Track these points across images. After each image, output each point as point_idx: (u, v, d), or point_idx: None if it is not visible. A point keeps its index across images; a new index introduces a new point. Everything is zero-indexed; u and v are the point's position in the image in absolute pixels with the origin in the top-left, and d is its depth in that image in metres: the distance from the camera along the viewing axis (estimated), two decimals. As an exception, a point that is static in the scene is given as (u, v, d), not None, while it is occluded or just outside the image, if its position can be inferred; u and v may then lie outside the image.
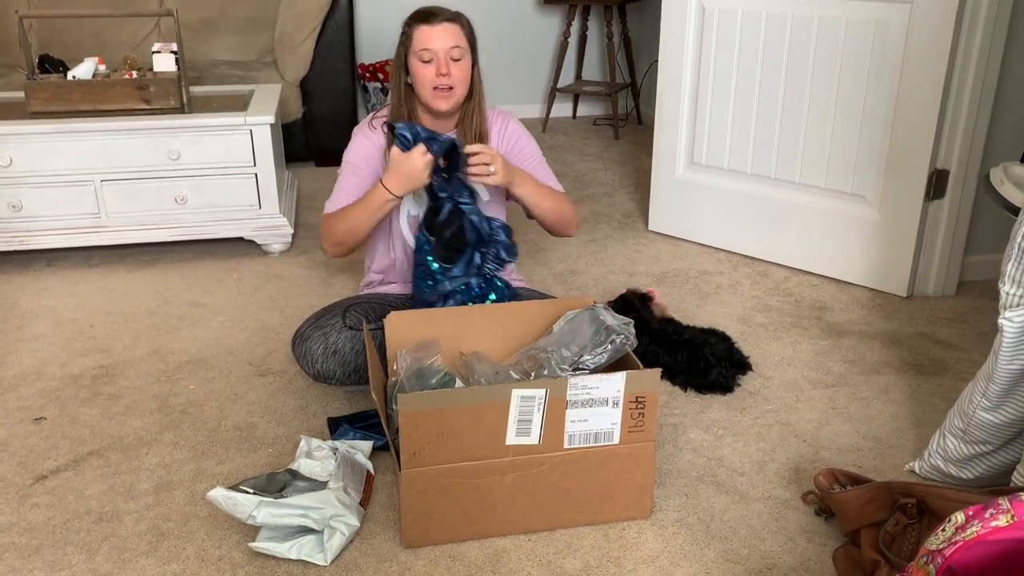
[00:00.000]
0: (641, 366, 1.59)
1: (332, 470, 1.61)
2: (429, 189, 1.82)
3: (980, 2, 2.23)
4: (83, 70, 2.75)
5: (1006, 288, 1.50)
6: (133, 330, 2.35)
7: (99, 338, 2.31)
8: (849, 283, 2.60)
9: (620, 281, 2.64)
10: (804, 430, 1.89)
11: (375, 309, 1.94)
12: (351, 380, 1.91)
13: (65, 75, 2.75)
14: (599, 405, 1.50)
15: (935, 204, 2.45)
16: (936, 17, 2.25)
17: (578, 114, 4.78)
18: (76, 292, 2.59)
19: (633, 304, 2.22)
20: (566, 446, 1.51)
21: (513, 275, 2.13)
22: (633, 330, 1.67)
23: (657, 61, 2.88)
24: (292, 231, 2.86)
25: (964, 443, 1.63)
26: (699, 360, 2.05)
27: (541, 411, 1.47)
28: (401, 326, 1.74)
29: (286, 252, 2.86)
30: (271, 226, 2.81)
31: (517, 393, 1.45)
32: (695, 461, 1.78)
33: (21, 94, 2.77)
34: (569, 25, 4.34)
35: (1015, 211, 1.76)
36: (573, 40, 4.48)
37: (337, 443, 1.70)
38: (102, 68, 2.81)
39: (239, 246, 2.88)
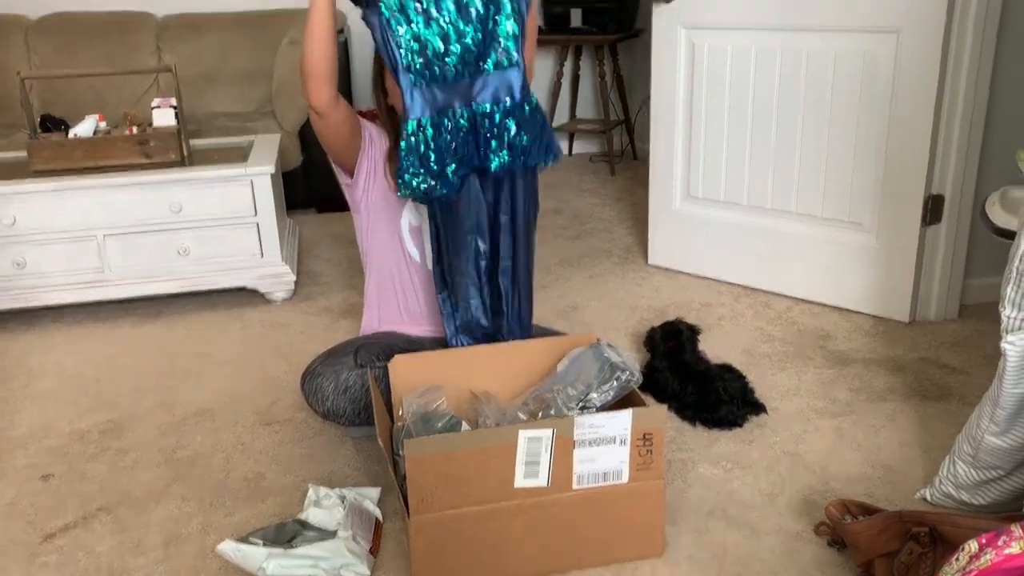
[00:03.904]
0: (646, 403, 1.59)
1: (341, 519, 1.61)
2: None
3: (965, 30, 2.27)
4: (84, 128, 2.79)
5: (1007, 312, 1.51)
6: (139, 383, 2.35)
7: (106, 393, 2.31)
8: (851, 311, 2.61)
9: (622, 316, 2.65)
10: (813, 461, 1.88)
11: (386, 349, 1.94)
12: (360, 419, 1.91)
13: (67, 133, 2.79)
14: (607, 444, 1.50)
15: (932, 229, 2.46)
16: (922, 46, 2.28)
17: (574, 151, 4.83)
18: (82, 347, 2.59)
19: (680, 331, 2.22)
20: (575, 486, 1.51)
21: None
22: (637, 366, 1.68)
23: (650, 97, 2.92)
24: (294, 278, 2.88)
25: (974, 469, 1.63)
26: (710, 394, 2.05)
27: (549, 452, 1.47)
28: (406, 370, 1.75)
29: (289, 300, 2.88)
30: (273, 274, 2.82)
31: (524, 434, 1.45)
32: (705, 496, 1.77)
33: (24, 153, 2.81)
34: (562, 65, 4.40)
35: (1004, 235, 1.77)
36: (566, 79, 4.54)
37: (345, 491, 1.70)
38: (103, 125, 2.85)
39: (242, 295, 2.89)
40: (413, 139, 1.63)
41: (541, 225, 3.56)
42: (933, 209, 2.44)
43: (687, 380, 2.09)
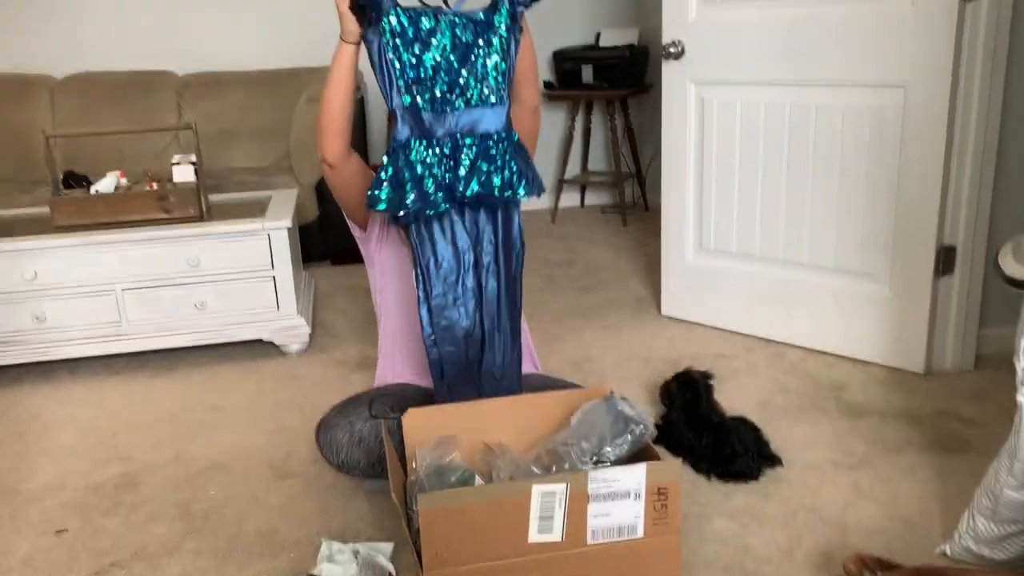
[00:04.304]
0: (661, 456, 1.59)
1: (354, 574, 1.60)
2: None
3: (972, 83, 2.30)
4: (105, 184, 2.85)
5: (1022, 364, 1.50)
6: (154, 436, 2.37)
7: (121, 446, 2.32)
8: (866, 361, 2.60)
9: (636, 367, 2.65)
10: (830, 514, 1.86)
11: (400, 401, 1.95)
12: (375, 470, 1.91)
13: (88, 189, 2.85)
14: (621, 498, 1.49)
15: (945, 280, 2.46)
16: (930, 100, 2.31)
17: (586, 203, 4.88)
18: (98, 400, 2.61)
19: (696, 382, 2.22)
20: (589, 541, 1.50)
21: (530, 359, 2.14)
22: (650, 419, 1.68)
23: (660, 150, 2.96)
24: (309, 331, 2.90)
25: (994, 523, 1.60)
26: (725, 447, 2.04)
27: (563, 506, 1.46)
28: (419, 422, 1.75)
29: (304, 352, 2.90)
30: (289, 327, 2.85)
31: (538, 489, 1.45)
32: (721, 551, 1.75)
33: (46, 209, 2.87)
34: (573, 119, 4.47)
35: (1017, 285, 1.77)
36: (578, 133, 4.61)
37: (358, 546, 1.69)
38: (124, 181, 2.91)
39: (257, 348, 2.91)
40: (393, 156, 1.70)
41: (554, 276, 3.59)
42: (945, 260, 2.44)
43: (702, 432, 2.08)
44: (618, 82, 4.27)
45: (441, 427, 1.75)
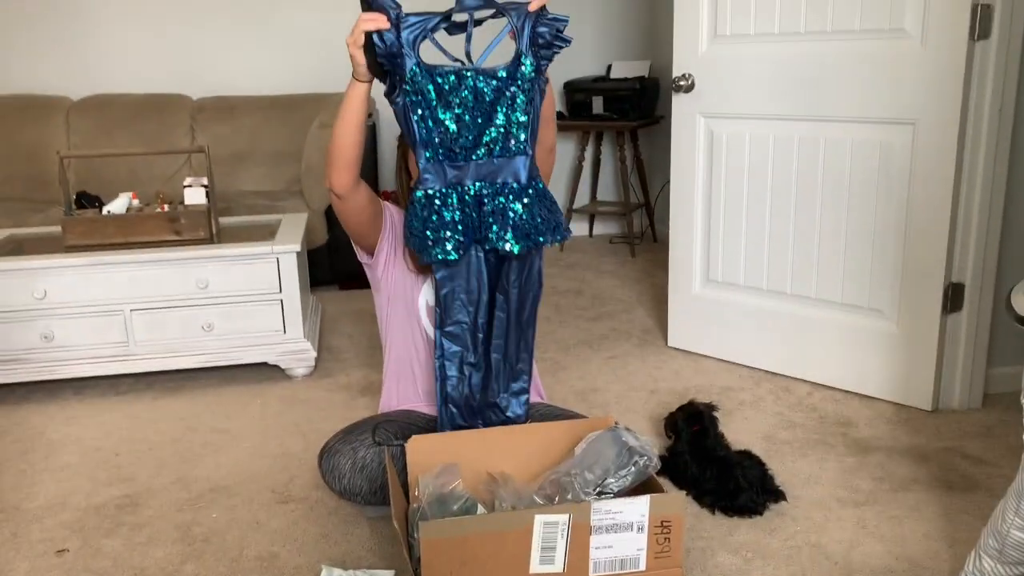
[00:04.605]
0: (665, 488, 1.58)
1: (354, 601, 1.59)
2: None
3: (981, 121, 2.31)
4: (118, 205, 2.88)
5: (1029, 403, 1.49)
6: (158, 458, 2.36)
7: (124, 467, 2.32)
8: (873, 398, 2.58)
9: (642, 398, 2.64)
10: (835, 551, 1.84)
11: (404, 428, 1.94)
12: (377, 498, 1.90)
13: (100, 210, 2.87)
14: (624, 530, 1.48)
15: (953, 317, 2.45)
16: (939, 137, 2.32)
17: (594, 233, 4.89)
18: (103, 420, 2.62)
19: (701, 414, 2.22)
20: (591, 574, 1.49)
21: (535, 388, 2.14)
22: (655, 451, 1.67)
23: (669, 181, 2.97)
24: (315, 355, 2.90)
25: (1001, 564, 1.58)
26: (729, 481, 2.02)
27: (565, 537, 1.46)
28: (423, 450, 1.75)
29: (309, 376, 2.90)
30: (295, 351, 2.85)
31: (540, 519, 1.44)
32: (724, 586, 1.74)
33: (58, 229, 2.89)
34: (583, 149, 4.49)
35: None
36: (587, 163, 4.63)
37: (359, 573, 1.68)
38: (136, 203, 2.94)
39: (263, 371, 2.91)
40: (419, 205, 1.72)
41: (561, 305, 3.59)
42: (953, 297, 2.44)
43: (706, 466, 2.07)
44: (628, 114, 4.30)
45: (445, 455, 1.75)
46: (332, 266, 3.77)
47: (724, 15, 2.68)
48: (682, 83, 2.79)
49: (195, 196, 2.90)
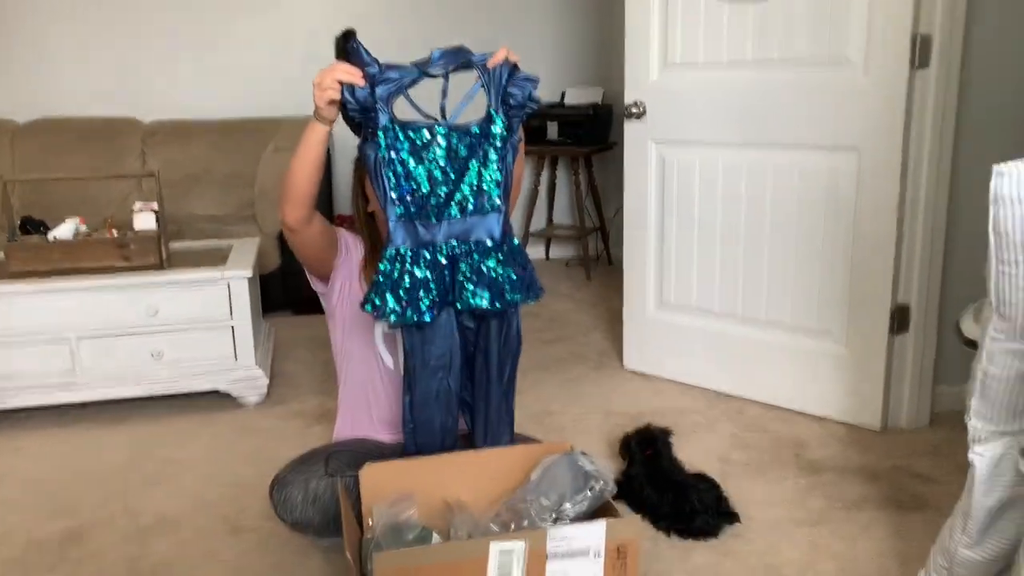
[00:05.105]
0: (621, 513, 1.58)
1: (307, 635, 1.56)
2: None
3: (922, 146, 2.37)
4: (64, 230, 2.81)
5: (973, 422, 1.53)
6: (104, 489, 2.30)
7: (68, 499, 2.25)
8: (824, 418, 2.62)
9: (598, 421, 2.65)
10: (790, 572, 1.86)
11: (358, 457, 1.91)
12: (330, 530, 1.86)
13: (46, 236, 2.81)
14: (580, 556, 1.47)
15: (900, 338, 2.51)
16: (882, 162, 2.38)
17: (551, 256, 4.91)
18: (47, 452, 2.54)
19: (656, 438, 2.22)
20: (547, 600, 1.48)
21: None
22: (611, 476, 1.67)
23: (623, 206, 3.00)
24: (267, 382, 2.86)
25: (950, 582, 1.61)
26: (685, 504, 2.03)
27: (521, 565, 1.45)
28: (376, 478, 1.72)
29: (262, 403, 2.85)
30: (247, 378, 2.80)
31: (496, 547, 1.43)
32: (681, 610, 1.74)
33: (1, 254, 2.82)
34: (539, 174, 4.52)
35: (973, 345, 1.81)
36: (543, 187, 4.66)
37: (312, 605, 1.65)
38: (83, 228, 2.87)
39: (214, 399, 2.86)
40: (389, 265, 1.66)
41: (517, 329, 3.58)
42: (900, 318, 2.49)
43: (662, 489, 2.08)
44: (582, 139, 4.34)
45: (399, 483, 1.72)
46: (286, 291, 3.73)
47: (674, 43, 2.73)
48: (634, 110, 2.83)
49: (145, 221, 2.85)
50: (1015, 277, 1.38)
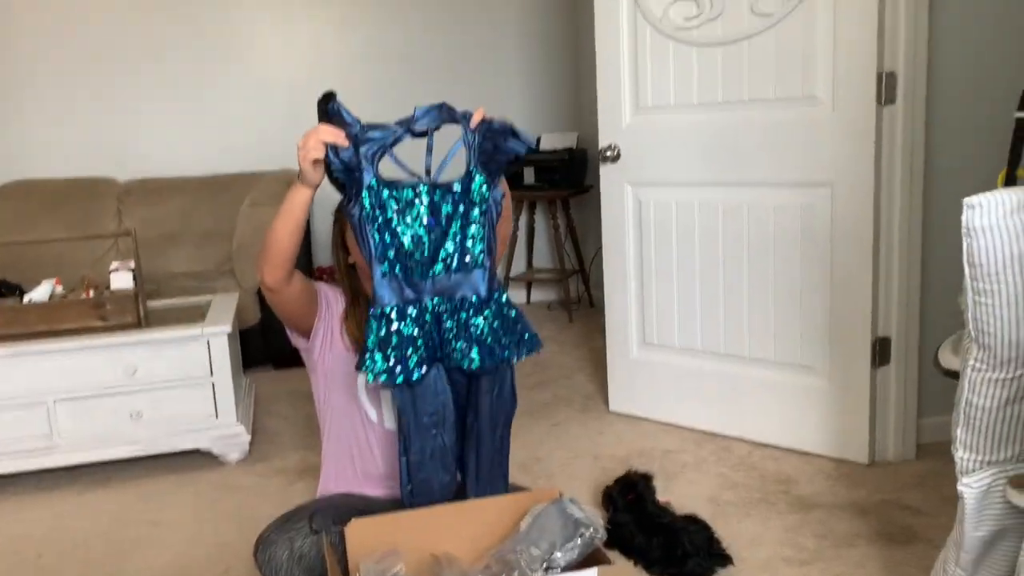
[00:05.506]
0: (612, 560, 1.56)
1: None
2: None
3: (894, 181, 2.41)
4: (40, 292, 2.78)
5: (959, 454, 1.53)
6: (84, 556, 2.24)
7: (48, 568, 2.19)
8: (811, 453, 2.61)
9: (586, 465, 2.63)
10: (785, 613, 1.84)
11: (343, 513, 1.88)
12: (317, 590, 1.83)
13: (21, 299, 2.78)
14: (571, 606, 1.45)
15: (883, 370, 2.52)
16: (855, 198, 2.41)
17: (532, 299, 4.92)
18: (23, 519, 2.48)
19: (636, 483, 2.21)
20: (541, 654, 1.45)
21: None
22: (601, 522, 1.65)
23: (602, 248, 3.01)
24: (249, 439, 2.82)
25: (946, 616, 1.59)
26: (676, 547, 2.01)
27: (512, 618, 1.42)
28: (363, 534, 1.69)
29: (243, 460, 2.81)
30: (228, 435, 2.77)
31: (486, 600, 1.40)
32: (677, 657, 1.71)
33: (-24, 319, 2.78)
34: (518, 219, 4.54)
35: (953, 376, 1.82)
36: (522, 231, 4.68)
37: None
38: (59, 289, 2.85)
39: (195, 457, 2.81)
40: (376, 323, 1.64)
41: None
42: (881, 351, 2.50)
43: (652, 533, 2.06)
44: (559, 183, 4.38)
45: (386, 538, 1.69)
46: (266, 345, 3.69)
47: (645, 87, 2.77)
48: (608, 154, 2.86)
49: (122, 280, 2.83)
50: (992, 307, 1.39)
